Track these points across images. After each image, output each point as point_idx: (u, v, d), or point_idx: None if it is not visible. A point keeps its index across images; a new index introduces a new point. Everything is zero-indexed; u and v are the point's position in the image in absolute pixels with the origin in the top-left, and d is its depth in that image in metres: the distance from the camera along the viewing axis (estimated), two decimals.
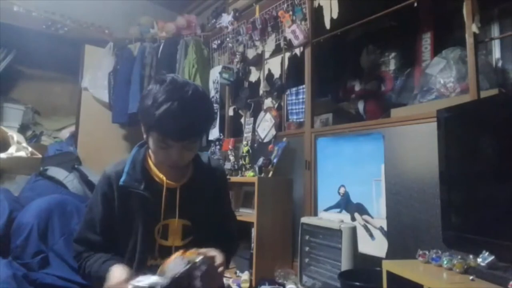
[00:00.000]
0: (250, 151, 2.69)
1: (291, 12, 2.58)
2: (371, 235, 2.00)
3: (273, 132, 2.67)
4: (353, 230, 1.87)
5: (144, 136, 1.05)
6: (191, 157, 1.07)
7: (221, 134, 3.05)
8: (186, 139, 0.98)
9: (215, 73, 3.21)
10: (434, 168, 1.54)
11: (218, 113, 3.13)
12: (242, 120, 3.05)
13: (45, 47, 3.34)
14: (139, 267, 1.02)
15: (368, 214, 2.03)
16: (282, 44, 2.70)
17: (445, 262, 1.24)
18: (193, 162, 1.13)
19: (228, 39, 3.21)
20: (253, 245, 2.28)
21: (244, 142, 2.77)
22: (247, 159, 2.66)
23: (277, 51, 2.77)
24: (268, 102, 2.82)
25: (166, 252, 1.02)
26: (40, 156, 2.88)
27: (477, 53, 1.67)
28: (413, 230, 1.78)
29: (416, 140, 1.82)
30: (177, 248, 1.02)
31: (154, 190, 1.05)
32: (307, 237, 2.11)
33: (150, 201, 1.02)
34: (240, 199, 2.68)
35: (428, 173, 1.71)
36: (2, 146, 2.74)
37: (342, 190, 2.21)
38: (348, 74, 3.09)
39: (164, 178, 1.07)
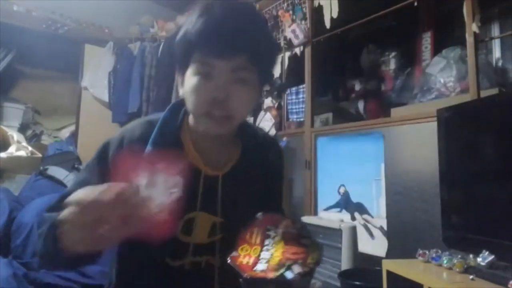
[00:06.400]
0: None
1: (291, 12, 2.58)
2: (371, 235, 2.01)
3: (273, 131, 2.66)
4: (353, 229, 1.87)
5: (180, 84, 0.80)
6: (242, 104, 0.75)
7: None
8: (235, 54, 0.71)
9: None
10: (434, 167, 1.53)
11: None
12: None
13: (45, 47, 3.34)
14: (156, 267, 0.79)
15: (368, 214, 2.03)
16: (282, 44, 2.70)
17: (445, 262, 1.24)
18: (242, 138, 0.86)
19: None
20: None
21: None
22: None
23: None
24: (268, 101, 2.82)
25: (183, 250, 0.79)
26: (40, 155, 2.88)
27: (477, 53, 1.67)
28: (413, 230, 1.78)
29: (416, 139, 1.82)
30: (196, 246, 0.80)
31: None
32: None
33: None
34: None
35: (428, 172, 1.71)
36: (2, 146, 2.74)
37: (342, 190, 2.21)
38: (348, 74, 3.08)
39: (202, 163, 0.80)
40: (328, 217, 2.16)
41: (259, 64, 0.75)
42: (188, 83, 0.75)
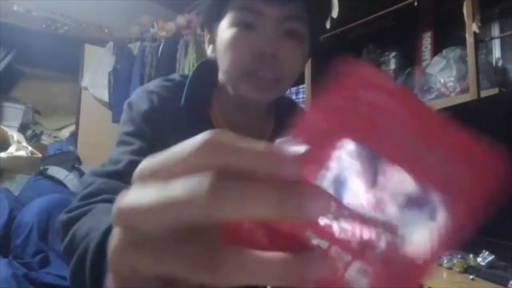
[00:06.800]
0: None
1: None
2: None
3: None
4: None
5: (207, 42, 0.65)
6: (293, 63, 0.59)
7: None
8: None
9: None
10: None
11: None
12: None
13: (45, 47, 3.34)
14: None
15: None
16: None
17: (444, 262, 1.24)
18: (277, 109, 0.69)
19: None
20: None
21: None
22: None
23: None
24: None
25: None
26: (40, 155, 2.88)
27: (477, 53, 1.67)
28: None
29: None
30: None
31: None
32: None
33: None
34: None
35: None
36: (2, 146, 2.74)
37: None
38: None
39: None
40: None
41: (315, 14, 0.60)
42: (223, 36, 0.58)
